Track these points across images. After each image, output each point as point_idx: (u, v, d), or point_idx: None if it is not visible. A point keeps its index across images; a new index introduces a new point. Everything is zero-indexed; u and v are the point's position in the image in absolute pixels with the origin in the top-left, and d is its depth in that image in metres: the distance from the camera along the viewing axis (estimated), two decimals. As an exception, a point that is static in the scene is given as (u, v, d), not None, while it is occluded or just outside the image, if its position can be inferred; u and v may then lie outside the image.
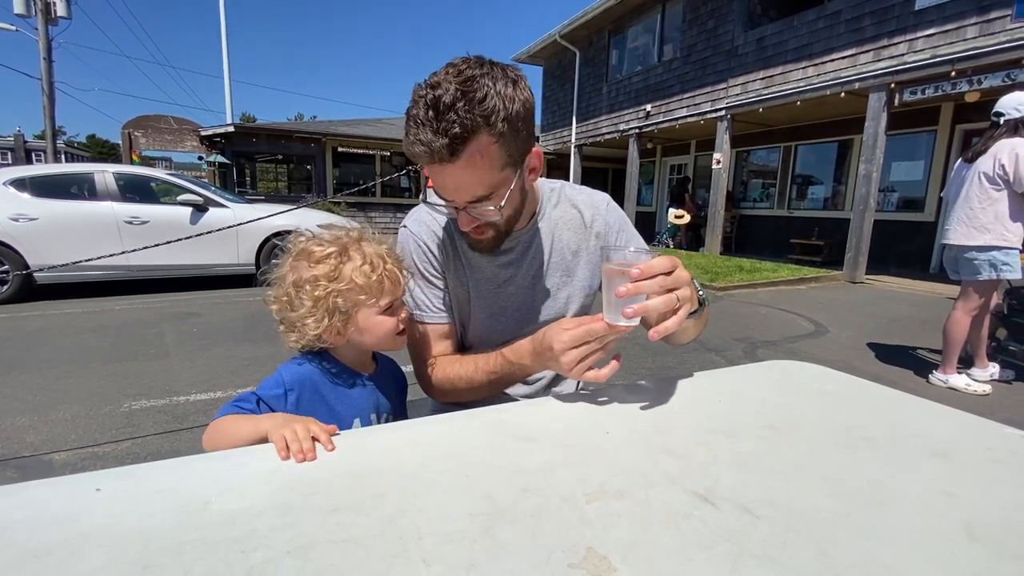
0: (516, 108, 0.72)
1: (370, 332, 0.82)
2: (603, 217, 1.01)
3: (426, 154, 0.71)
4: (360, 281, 0.78)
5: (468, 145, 0.70)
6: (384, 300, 0.81)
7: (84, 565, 0.41)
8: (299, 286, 0.78)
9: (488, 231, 0.85)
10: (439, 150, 0.69)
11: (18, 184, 5.11)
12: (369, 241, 0.83)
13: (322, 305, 0.78)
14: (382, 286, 0.80)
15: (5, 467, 2.04)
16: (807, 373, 0.93)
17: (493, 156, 0.73)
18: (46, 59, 13.38)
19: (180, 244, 4.92)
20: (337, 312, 0.79)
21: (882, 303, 5.86)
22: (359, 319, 0.81)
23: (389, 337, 0.84)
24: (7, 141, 43.10)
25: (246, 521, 0.47)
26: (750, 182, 11.66)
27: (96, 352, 3.53)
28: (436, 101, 0.68)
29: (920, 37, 6.29)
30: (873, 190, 7.00)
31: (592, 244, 1.01)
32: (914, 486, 0.54)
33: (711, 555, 0.43)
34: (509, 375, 0.88)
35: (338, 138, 14.91)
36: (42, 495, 0.51)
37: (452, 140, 0.68)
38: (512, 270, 0.97)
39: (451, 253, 0.96)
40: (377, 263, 0.80)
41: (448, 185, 0.76)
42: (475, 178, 0.74)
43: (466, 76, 0.69)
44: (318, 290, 0.77)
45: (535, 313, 1.01)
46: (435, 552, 0.43)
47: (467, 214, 0.80)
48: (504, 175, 0.76)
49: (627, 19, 11.68)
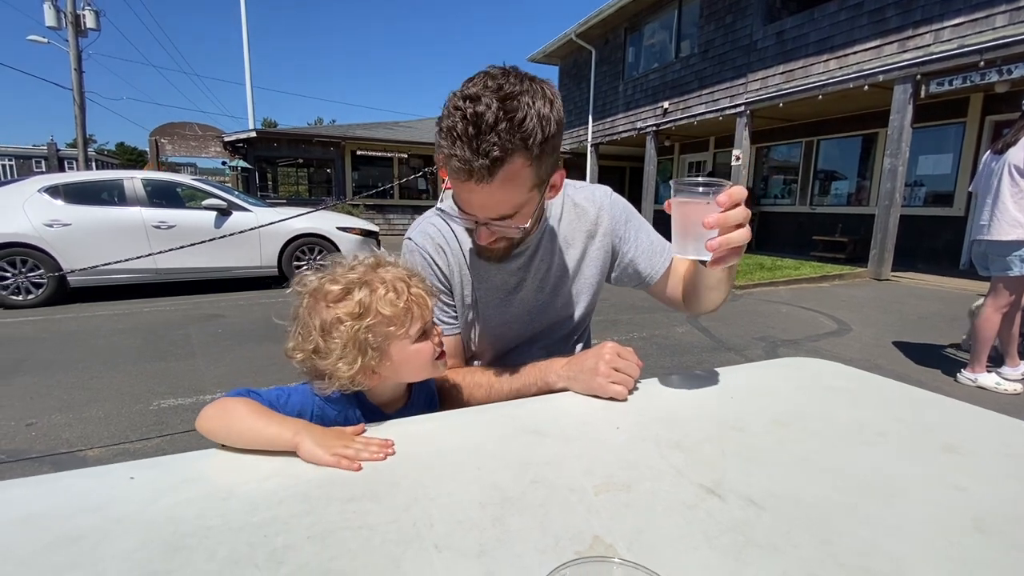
0: (551, 130, 0.71)
1: (407, 364, 0.75)
2: (608, 211, 1.00)
3: (464, 171, 0.69)
4: (387, 312, 0.71)
5: (505, 167, 0.69)
6: (415, 327, 0.74)
7: (116, 548, 0.43)
8: (325, 331, 0.70)
9: (502, 242, 0.85)
10: (479, 170, 0.68)
11: (52, 191, 5.31)
12: (386, 266, 0.77)
13: (352, 346, 0.70)
14: (411, 312, 0.73)
15: (43, 463, 2.13)
16: (821, 369, 0.92)
17: (525, 178, 0.73)
18: (77, 70, 13.84)
19: (205, 247, 5.06)
20: (369, 350, 0.71)
21: (909, 300, 5.71)
22: (392, 353, 0.73)
23: (428, 365, 0.77)
24: (41, 150, 44.67)
25: (267, 508, 0.49)
26: (771, 178, 11.45)
27: (126, 352, 3.65)
28: (478, 118, 0.66)
29: (947, 27, 6.10)
30: (899, 185, 6.82)
31: (598, 240, 1.00)
32: (924, 480, 0.54)
33: (716, 544, 0.44)
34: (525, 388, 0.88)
35: (357, 141, 15.11)
36: (76, 484, 0.55)
37: (492, 163, 0.68)
38: (521, 275, 0.97)
39: (458, 263, 0.96)
40: (401, 288, 0.73)
41: (476, 203, 0.75)
42: (505, 198, 0.74)
43: (506, 93, 0.67)
44: (344, 330, 0.69)
45: (544, 316, 1.01)
46: (446, 538, 0.45)
47: (487, 229, 0.80)
48: (531, 195, 0.76)
49: (643, 16, 11.59)
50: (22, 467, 2.09)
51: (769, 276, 6.78)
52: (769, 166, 11.46)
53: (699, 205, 0.68)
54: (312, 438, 0.59)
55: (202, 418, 0.63)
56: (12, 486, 0.54)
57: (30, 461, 2.14)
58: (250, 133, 14.11)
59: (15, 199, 5.21)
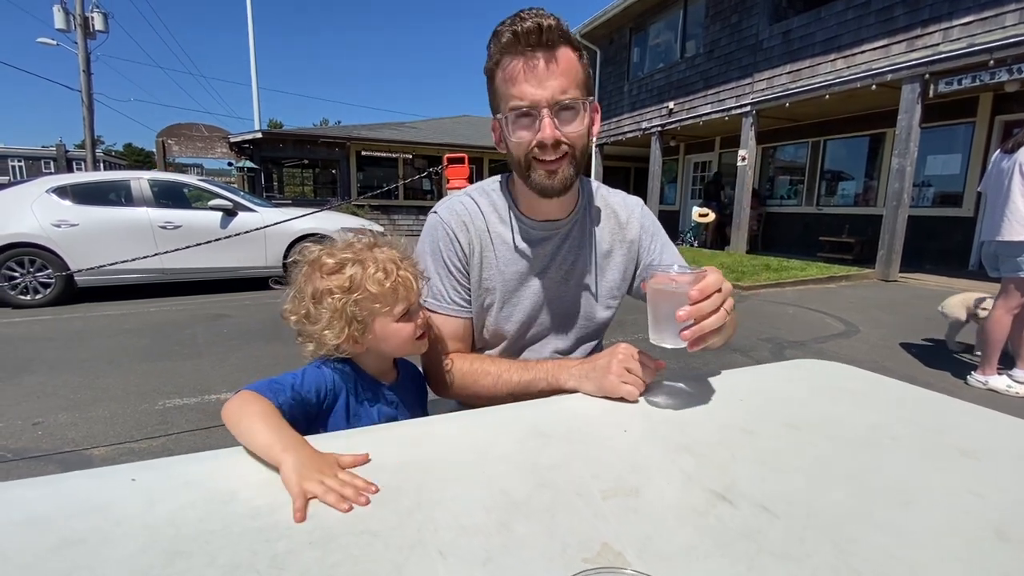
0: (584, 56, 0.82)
1: (388, 340, 0.81)
2: (638, 220, 1.01)
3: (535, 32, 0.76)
4: (374, 289, 0.77)
5: (563, 46, 0.78)
6: (399, 307, 0.79)
7: (117, 552, 0.43)
8: (316, 299, 0.78)
9: (563, 160, 0.83)
10: (549, 27, 0.76)
11: (60, 192, 5.34)
12: (382, 247, 0.82)
13: (339, 316, 0.77)
14: (396, 293, 0.79)
15: (49, 462, 2.14)
16: (831, 372, 0.91)
17: (577, 67, 0.80)
18: (85, 72, 13.95)
19: (210, 247, 5.08)
20: (355, 321, 0.78)
21: (917, 302, 5.65)
22: (376, 327, 0.80)
23: (408, 343, 0.82)
24: (50, 151, 45.17)
25: (269, 513, 0.48)
26: (777, 179, 11.39)
27: (132, 352, 3.66)
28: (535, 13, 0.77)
29: (956, 26, 6.05)
30: (907, 185, 6.76)
31: (626, 247, 1.00)
32: (941, 486, 0.53)
33: (728, 552, 0.43)
34: (534, 382, 0.86)
35: (362, 142, 15.14)
36: (78, 485, 0.54)
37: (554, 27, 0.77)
38: (546, 261, 0.96)
39: (480, 242, 0.94)
40: (391, 269, 0.79)
41: (543, 76, 0.78)
42: (567, 72, 0.79)
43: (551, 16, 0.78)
44: (334, 301, 0.76)
45: (561, 309, 0.99)
46: (451, 544, 0.44)
47: (552, 121, 0.79)
48: (583, 93, 0.81)
49: (648, 16, 11.55)
50: (28, 466, 2.09)
51: (775, 277, 6.74)
52: (775, 166, 11.40)
53: (673, 294, 0.68)
54: (296, 461, 0.55)
55: (225, 410, 0.65)
56: (14, 487, 0.53)
57: (36, 460, 2.15)
58: (256, 134, 14.17)
59: (24, 199, 5.25)
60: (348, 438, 0.65)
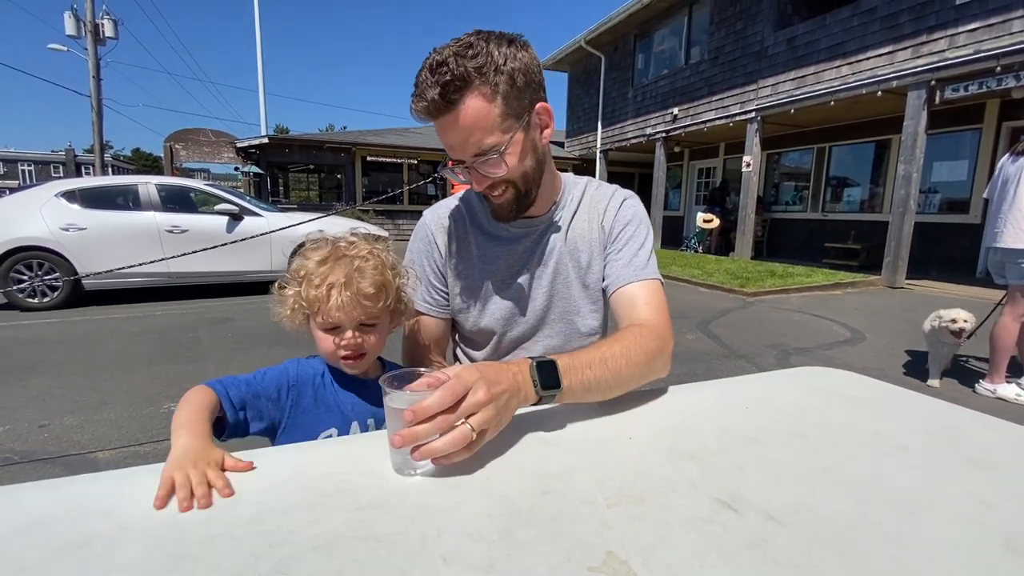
0: (513, 64, 0.74)
1: (317, 342, 0.84)
2: (615, 209, 0.97)
3: (425, 110, 0.74)
4: (306, 291, 0.80)
5: (463, 95, 0.72)
6: (322, 318, 0.80)
7: (123, 556, 0.43)
8: (289, 274, 0.84)
9: (506, 191, 0.85)
10: (433, 100, 0.72)
11: (68, 196, 5.40)
12: (344, 259, 0.80)
13: (287, 298, 0.82)
14: (319, 304, 0.79)
15: (54, 464, 2.15)
16: (837, 379, 0.90)
17: (491, 106, 0.74)
18: (95, 77, 14.12)
19: (216, 251, 5.11)
20: (301, 312, 0.82)
21: (923, 309, 5.59)
22: (310, 326, 0.84)
23: (330, 355, 0.83)
24: (59, 155, 45.66)
25: (273, 517, 0.48)
26: (782, 185, 11.37)
27: (139, 355, 3.68)
28: (433, 63, 0.72)
29: (962, 32, 6.04)
30: (913, 191, 6.73)
31: (600, 237, 0.97)
32: (950, 495, 0.52)
33: (733, 561, 0.42)
34: None
35: (367, 147, 15.23)
36: (83, 489, 0.54)
37: (444, 88, 0.71)
38: (526, 258, 0.96)
39: (464, 243, 0.97)
40: (330, 280, 0.78)
41: (453, 140, 0.77)
42: (475, 126, 0.75)
43: (464, 42, 0.73)
44: (291, 285, 0.82)
45: (547, 303, 0.98)
46: (455, 551, 0.43)
47: (478, 171, 0.80)
48: (507, 126, 0.77)
49: (653, 23, 11.60)
50: (34, 468, 2.10)
51: (780, 283, 6.72)
52: (780, 172, 11.38)
53: (396, 413, 0.56)
54: (180, 447, 0.58)
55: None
56: (20, 490, 0.54)
57: (42, 462, 2.16)
58: (262, 139, 14.27)
59: (33, 203, 5.30)
60: (351, 443, 0.65)
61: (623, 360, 0.73)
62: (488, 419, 0.57)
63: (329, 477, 0.56)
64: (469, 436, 0.55)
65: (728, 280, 6.93)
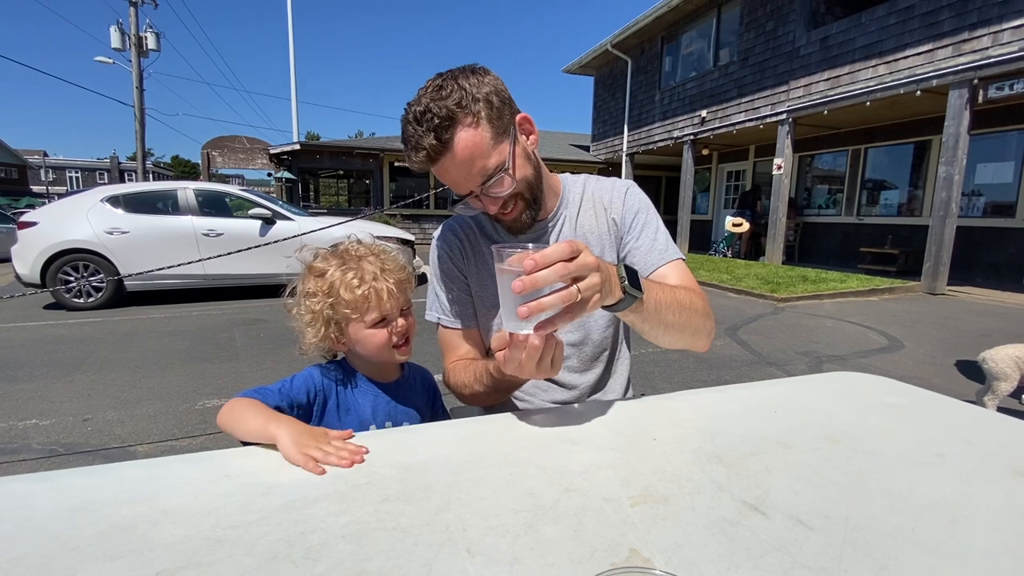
0: (485, 90, 0.78)
1: (362, 344, 0.85)
2: (621, 200, 0.98)
3: (426, 158, 0.77)
4: (346, 296, 0.81)
5: (453, 132, 0.75)
6: (370, 315, 0.82)
7: (163, 537, 0.45)
8: (303, 297, 0.85)
9: (516, 205, 0.86)
10: (431, 146, 0.75)
11: (112, 201, 5.65)
12: (368, 257, 0.85)
13: (318, 317, 0.82)
14: (368, 301, 0.82)
15: (96, 456, 2.24)
16: (872, 385, 0.87)
17: (481, 132, 0.77)
18: (138, 88, 14.75)
19: (250, 254, 5.25)
20: (332, 324, 0.83)
21: (967, 316, 5.37)
22: (351, 331, 0.84)
23: (382, 349, 0.84)
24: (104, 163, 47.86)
25: (304, 506, 0.50)
26: (815, 188, 11.06)
27: (175, 354, 3.82)
28: (416, 114, 0.76)
29: (1006, 29, 5.78)
30: (955, 194, 6.46)
31: (610, 231, 0.98)
32: (990, 504, 0.50)
33: (760, 564, 0.42)
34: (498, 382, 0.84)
35: (395, 153, 15.46)
36: (128, 474, 0.57)
37: (436, 131, 0.74)
38: None
39: (477, 256, 0.98)
40: (369, 280, 0.82)
41: (457, 176, 0.79)
42: (473, 155, 0.77)
43: (434, 86, 0.76)
44: (313, 303, 0.83)
45: None
46: (479, 543, 0.44)
47: (489, 197, 0.82)
48: (501, 146, 0.80)
49: (681, 25, 11.47)
50: (77, 460, 2.20)
51: (813, 289, 6.52)
52: (813, 175, 11.08)
53: (510, 270, 0.60)
54: (290, 434, 0.62)
55: (219, 415, 0.72)
56: (68, 475, 0.57)
57: (84, 454, 2.26)
58: (294, 146, 14.66)
59: (80, 208, 5.57)
60: (379, 437, 0.67)
61: (686, 300, 0.79)
62: (594, 285, 0.60)
63: (357, 470, 0.58)
64: (575, 296, 0.59)
65: (758, 285, 6.77)
